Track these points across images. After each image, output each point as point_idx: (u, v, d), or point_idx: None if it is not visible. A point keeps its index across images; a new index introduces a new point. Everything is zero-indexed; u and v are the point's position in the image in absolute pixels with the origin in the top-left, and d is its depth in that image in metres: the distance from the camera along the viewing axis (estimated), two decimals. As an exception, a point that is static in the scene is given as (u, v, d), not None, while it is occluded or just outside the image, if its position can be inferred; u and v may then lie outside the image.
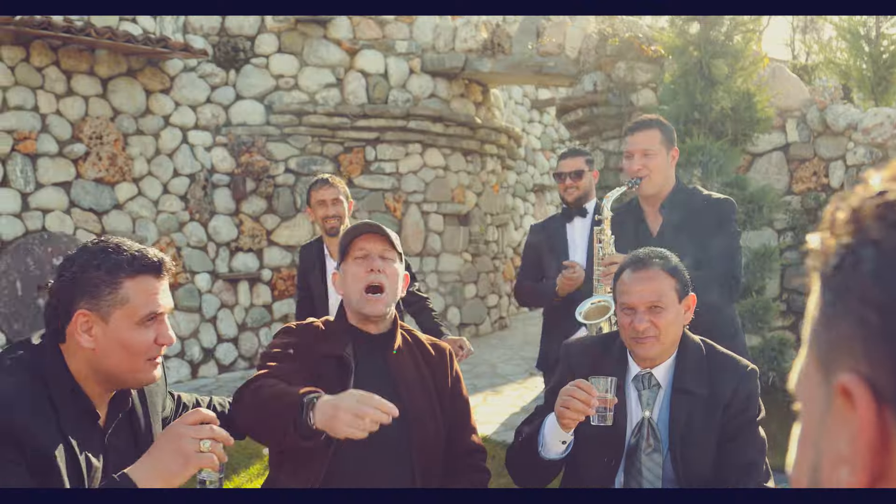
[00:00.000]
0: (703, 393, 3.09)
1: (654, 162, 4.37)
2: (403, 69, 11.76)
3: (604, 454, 3.13)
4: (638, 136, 4.45)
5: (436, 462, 3.21)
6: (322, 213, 5.52)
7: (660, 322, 3.04)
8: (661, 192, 4.45)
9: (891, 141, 8.72)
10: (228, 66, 11.06)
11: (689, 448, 3.06)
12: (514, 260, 15.66)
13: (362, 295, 3.13)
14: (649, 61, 10.23)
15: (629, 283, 3.11)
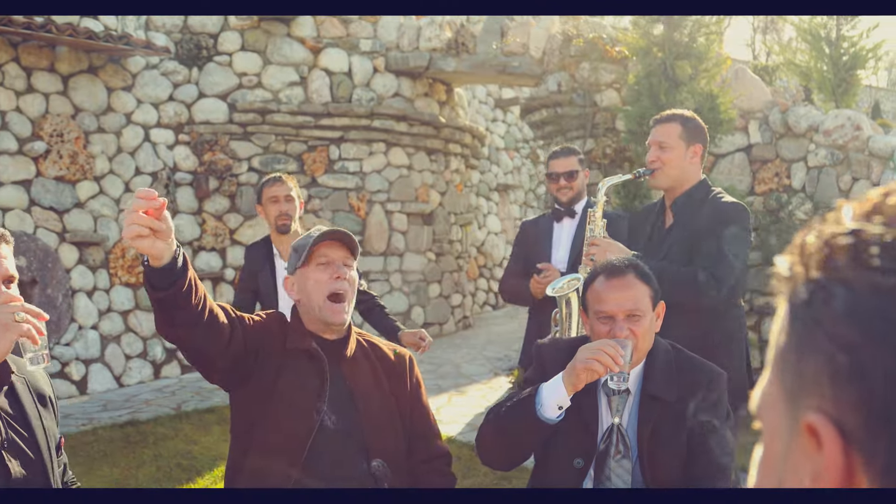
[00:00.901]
0: (671, 398, 3.10)
1: (668, 155, 4.36)
2: (367, 68, 11.73)
3: (574, 455, 3.12)
4: (657, 129, 4.45)
5: (398, 469, 3.20)
6: (275, 211, 5.46)
7: (638, 330, 3.05)
8: (677, 186, 4.42)
9: (852, 143, 8.82)
10: (191, 64, 10.98)
11: (658, 454, 3.07)
12: (478, 259, 15.67)
13: (325, 303, 3.13)
14: (613, 62, 10.27)
15: (604, 291, 3.11)
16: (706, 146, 4.49)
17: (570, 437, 3.13)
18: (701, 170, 4.47)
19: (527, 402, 3.02)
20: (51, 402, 2.81)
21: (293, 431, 3.04)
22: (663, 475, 3.06)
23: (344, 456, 3.09)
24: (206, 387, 9.66)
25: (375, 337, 3.47)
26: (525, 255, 5.65)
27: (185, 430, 7.97)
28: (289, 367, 3.10)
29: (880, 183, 8.56)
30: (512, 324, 14.21)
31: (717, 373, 3.19)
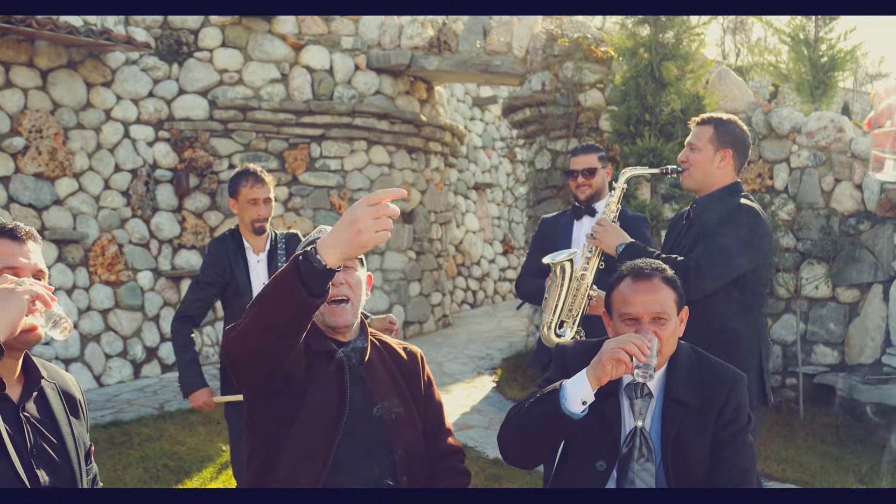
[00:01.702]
0: (695, 402, 3.08)
1: (696, 157, 4.32)
2: (349, 65, 11.66)
3: (597, 458, 3.10)
4: (693, 130, 4.42)
5: (420, 466, 3.19)
6: (253, 214, 5.27)
7: (663, 333, 3.03)
8: (703, 188, 4.38)
9: (834, 144, 8.85)
10: (171, 60, 10.87)
11: (682, 458, 3.05)
12: (457, 257, 15.65)
13: (327, 306, 3.09)
14: (597, 62, 10.27)
15: (631, 294, 3.09)
16: (742, 152, 4.38)
17: (593, 439, 3.10)
18: (733, 174, 4.38)
19: (551, 398, 2.98)
20: (81, 407, 2.74)
21: (318, 440, 2.99)
22: (687, 479, 3.05)
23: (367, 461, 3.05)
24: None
25: (385, 336, 3.43)
26: (544, 253, 5.58)
27: (169, 430, 7.88)
28: (314, 372, 3.05)
29: (863, 185, 8.61)
30: (491, 322, 14.22)
31: (739, 376, 3.18)
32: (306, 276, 2.53)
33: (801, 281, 8.80)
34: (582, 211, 5.48)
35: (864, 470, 7.17)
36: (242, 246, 5.36)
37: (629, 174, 4.47)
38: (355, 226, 2.45)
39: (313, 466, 2.97)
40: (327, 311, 3.10)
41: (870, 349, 8.41)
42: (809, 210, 8.94)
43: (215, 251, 5.39)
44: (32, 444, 2.49)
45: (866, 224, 8.56)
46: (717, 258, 4.09)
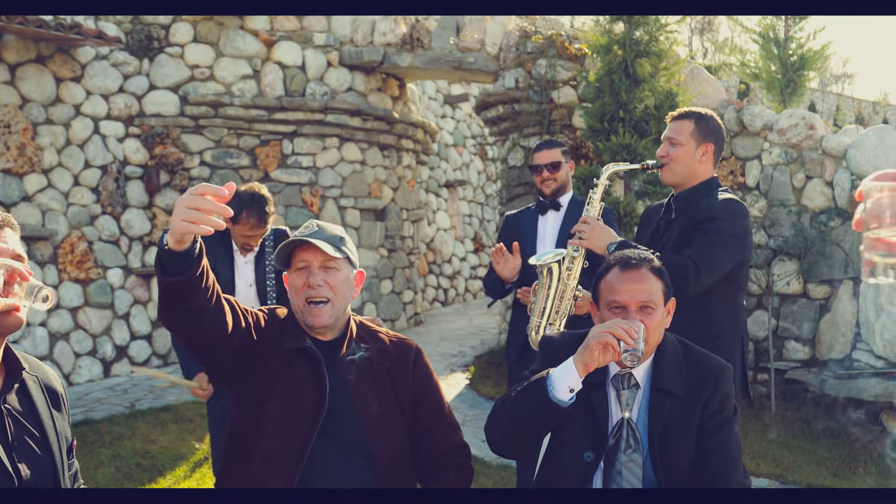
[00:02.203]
0: (682, 393, 3.09)
1: (676, 151, 4.35)
2: (321, 62, 11.61)
3: (584, 449, 3.09)
4: (671, 125, 4.44)
5: (403, 469, 3.16)
6: (243, 241, 5.21)
7: (650, 323, 3.03)
8: (684, 183, 4.40)
9: (805, 142, 8.91)
10: (142, 55, 10.78)
11: (669, 448, 3.05)
12: (428, 255, 15.63)
13: (305, 306, 3.09)
14: (570, 59, 10.29)
15: (618, 283, 3.10)
16: (720, 146, 4.46)
17: (580, 430, 3.10)
18: (712, 169, 4.45)
19: (538, 386, 2.98)
20: (63, 401, 2.69)
21: (293, 438, 2.97)
22: (674, 469, 3.05)
23: (344, 461, 3.03)
24: (158, 385, 9.50)
25: (379, 327, 3.38)
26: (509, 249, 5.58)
27: (141, 429, 7.81)
28: (287, 369, 3.03)
29: (833, 182, 8.67)
30: (462, 320, 14.21)
31: (725, 367, 3.19)
32: (161, 254, 2.61)
33: (772, 277, 8.85)
34: (547, 206, 5.48)
35: (837, 464, 7.23)
36: (230, 247, 5.31)
37: (611, 170, 4.46)
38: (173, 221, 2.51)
39: (287, 464, 2.95)
40: (306, 311, 3.08)
41: (840, 345, 8.47)
42: (781, 207, 8.99)
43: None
44: (14, 436, 2.43)
45: (837, 221, 8.63)
46: (713, 255, 4.11)
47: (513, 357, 5.48)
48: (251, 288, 5.27)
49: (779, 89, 13.11)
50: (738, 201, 4.30)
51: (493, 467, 7.10)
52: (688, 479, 3.05)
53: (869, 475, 6.99)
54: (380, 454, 3.07)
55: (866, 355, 8.18)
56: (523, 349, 5.39)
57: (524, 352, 5.39)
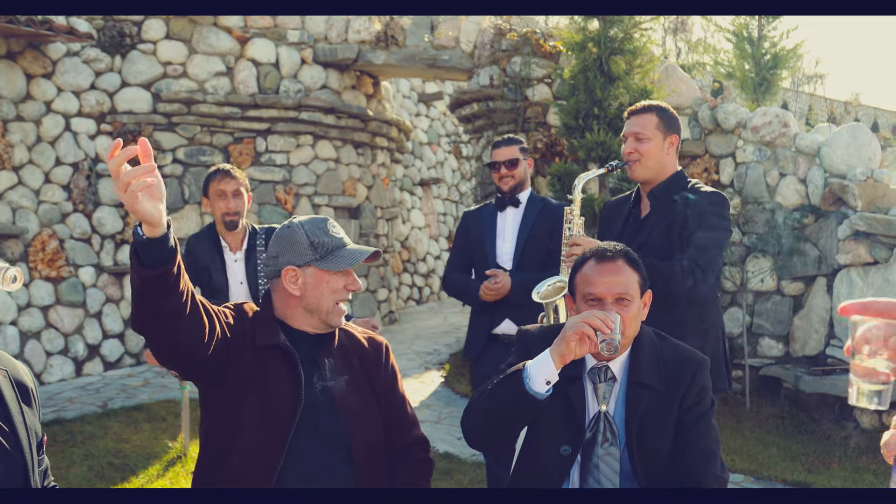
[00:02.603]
0: (659, 386, 3.07)
1: (646, 146, 4.29)
2: (295, 59, 11.55)
3: (561, 443, 3.07)
4: (633, 119, 4.37)
5: (379, 461, 3.16)
6: (222, 208, 5.19)
7: (626, 315, 3.01)
8: (655, 178, 4.34)
9: (779, 139, 8.95)
10: (114, 52, 10.68)
11: (647, 441, 3.04)
12: (403, 254, 15.59)
13: (336, 307, 3.11)
14: (545, 57, 10.28)
15: (594, 275, 3.08)
16: (681, 138, 4.45)
17: (557, 424, 3.08)
18: (676, 161, 4.43)
19: (514, 378, 2.95)
20: (33, 396, 2.64)
21: (272, 434, 2.96)
22: (651, 462, 3.03)
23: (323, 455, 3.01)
24: (131, 384, 9.44)
25: (349, 324, 3.39)
26: (469, 246, 5.56)
27: (113, 428, 7.74)
28: (261, 366, 3.01)
29: (807, 179, 8.70)
30: (437, 318, 14.19)
31: (702, 360, 3.17)
32: (138, 249, 2.52)
33: (746, 274, 8.88)
34: (505, 202, 5.46)
35: (811, 459, 7.25)
36: (219, 244, 5.27)
37: (583, 181, 4.45)
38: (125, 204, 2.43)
39: (267, 459, 2.94)
40: (334, 313, 3.11)
41: (814, 341, 8.51)
42: (755, 204, 9.02)
43: (191, 250, 5.32)
44: None
45: (810, 218, 8.66)
46: (713, 255, 4.11)
47: (474, 354, 5.46)
48: (242, 286, 5.24)
49: (752, 88, 13.17)
50: (720, 193, 4.29)
51: (469, 464, 7.08)
52: (665, 473, 3.04)
53: (843, 470, 7.02)
54: (358, 447, 3.06)
55: (840, 352, 8.22)
56: (484, 347, 5.39)
57: (485, 350, 5.39)
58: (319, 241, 3.11)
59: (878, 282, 8.02)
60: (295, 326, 3.12)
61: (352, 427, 3.07)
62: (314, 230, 3.13)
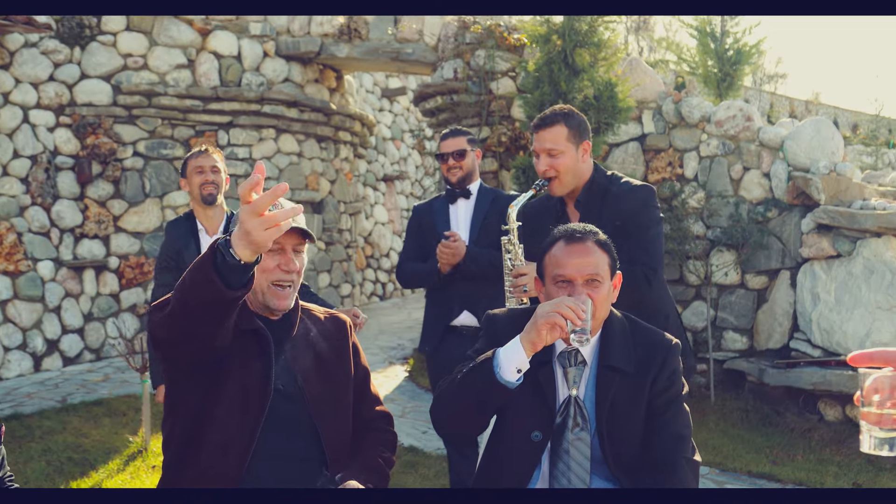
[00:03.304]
0: (629, 369, 3.04)
1: (560, 161, 4.11)
2: (257, 52, 11.44)
3: (532, 428, 3.02)
4: (542, 134, 4.18)
5: (346, 442, 3.12)
6: (199, 180, 5.18)
7: (597, 296, 2.97)
8: (576, 188, 4.21)
9: (743, 133, 8.97)
10: (73, 43, 10.52)
11: (617, 425, 3.00)
12: (366, 249, 15.51)
13: (270, 288, 3.01)
14: (509, 50, 10.25)
15: (564, 256, 3.03)
16: (591, 138, 4.28)
17: (527, 409, 3.03)
18: (591, 161, 4.29)
19: (484, 367, 2.89)
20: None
21: (244, 422, 2.90)
22: (621, 447, 3.00)
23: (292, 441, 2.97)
24: (90, 379, 9.31)
25: (311, 304, 3.33)
26: (421, 239, 5.51)
27: (73, 423, 7.61)
28: (238, 351, 2.94)
29: (770, 173, 8.73)
30: (400, 314, 14.14)
31: (673, 343, 3.14)
32: (223, 269, 2.48)
33: (710, 268, 8.89)
34: (456, 194, 5.43)
35: (776, 451, 7.27)
36: (195, 228, 5.25)
37: (515, 209, 4.31)
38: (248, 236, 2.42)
39: (239, 448, 2.88)
40: (271, 294, 3.01)
41: (778, 334, 8.53)
42: (719, 198, 9.04)
43: (169, 234, 5.35)
44: None
45: (774, 211, 8.69)
46: (657, 251, 4.10)
47: (430, 346, 5.42)
48: None
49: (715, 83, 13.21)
50: (647, 185, 4.23)
51: (433, 458, 7.04)
52: (636, 458, 3.01)
53: (808, 462, 7.05)
54: (326, 430, 3.02)
55: (804, 345, 8.24)
56: (441, 339, 5.35)
57: (442, 341, 5.34)
58: None
59: (841, 275, 8.06)
60: (253, 310, 3.07)
61: (317, 411, 3.02)
62: None
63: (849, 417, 7.72)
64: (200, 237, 5.25)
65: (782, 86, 36.58)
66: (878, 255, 7.89)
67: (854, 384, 7.53)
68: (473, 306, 5.19)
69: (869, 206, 8.03)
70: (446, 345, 5.32)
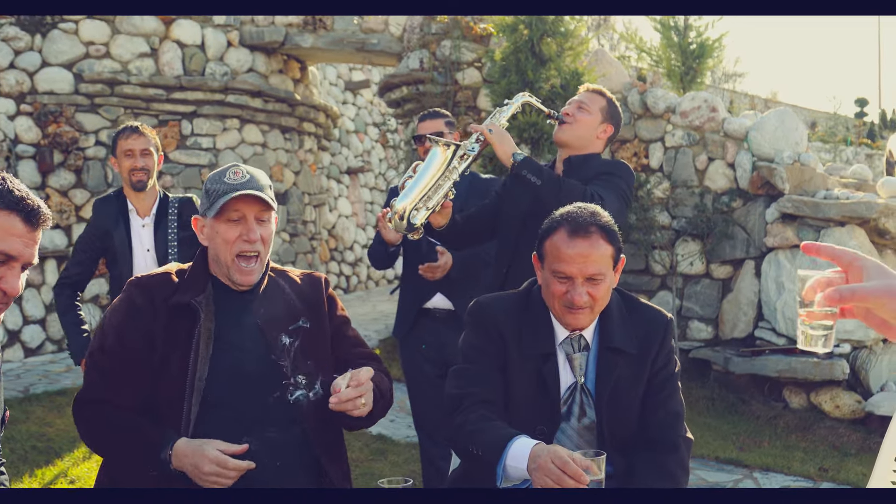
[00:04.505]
0: (632, 349, 3.00)
1: (583, 116, 4.30)
2: (221, 41, 11.36)
3: (538, 423, 2.95)
4: (584, 93, 4.41)
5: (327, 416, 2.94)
6: (129, 165, 4.98)
7: (597, 294, 2.90)
8: (577, 147, 4.34)
9: (707, 124, 9.03)
10: (34, 31, 10.38)
11: (617, 408, 2.96)
12: (330, 242, 15.46)
13: (234, 262, 2.92)
14: (475, 40, 10.25)
15: (566, 249, 2.88)
16: (615, 133, 4.48)
17: (533, 406, 2.97)
18: (603, 150, 4.48)
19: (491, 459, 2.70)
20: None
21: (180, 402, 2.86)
22: (621, 428, 2.95)
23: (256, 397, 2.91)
24: (53, 370, 9.21)
25: (286, 266, 3.26)
26: None
27: (36, 413, 7.52)
28: (164, 326, 2.90)
29: (735, 163, 8.79)
30: (365, 306, 14.11)
31: (669, 319, 3.10)
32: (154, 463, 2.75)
33: (676, 258, 8.94)
34: None
35: (742, 438, 7.33)
36: (125, 207, 5.07)
37: (524, 98, 4.32)
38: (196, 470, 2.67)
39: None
40: (235, 269, 2.92)
41: (743, 323, 8.59)
42: (684, 188, 9.09)
43: (96, 213, 5.11)
44: None
45: (738, 201, 8.75)
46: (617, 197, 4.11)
47: (403, 331, 5.40)
48: (149, 253, 5.04)
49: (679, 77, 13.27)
50: (627, 165, 4.36)
51: (402, 445, 7.03)
52: (630, 438, 2.98)
53: (774, 448, 7.11)
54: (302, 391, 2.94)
55: (768, 333, 8.31)
56: (414, 322, 5.34)
57: (415, 325, 5.33)
58: (212, 189, 2.95)
59: (805, 264, 8.12)
60: (223, 281, 3.00)
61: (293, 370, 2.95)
62: (214, 177, 2.98)
63: (813, 404, 7.80)
64: (131, 218, 5.09)
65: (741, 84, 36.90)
66: (842, 243, 7.97)
67: (819, 372, 7.61)
68: (447, 289, 5.17)
69: (832, 195, 8.12)
70: (418, 329, 5.31)
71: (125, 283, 3.00)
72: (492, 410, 2.92)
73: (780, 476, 6.51)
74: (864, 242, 8.00)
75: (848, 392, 7.69)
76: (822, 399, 7.73)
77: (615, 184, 4.15)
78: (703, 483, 6.35)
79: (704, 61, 13.22)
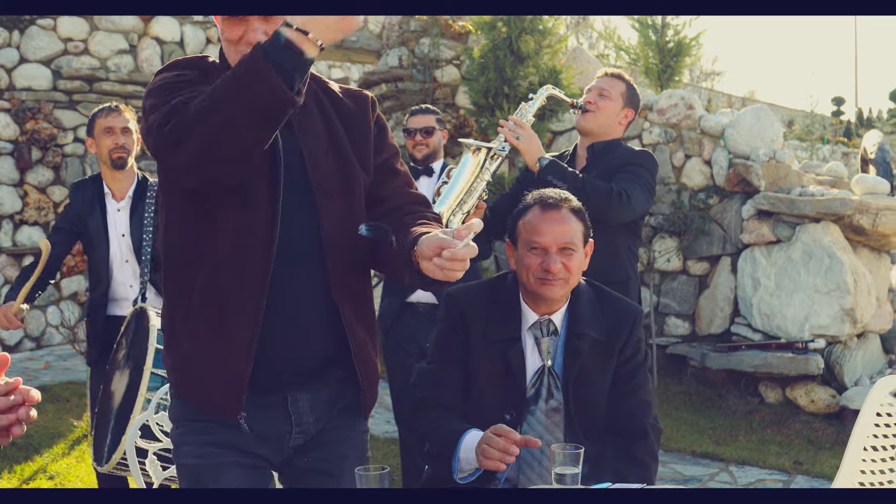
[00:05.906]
0: (600, 336, 3.07)
1: (605, 103, 4.40)
2: (200, 38, 11.36)
3: (505, 409, 3.02)
4: (603, 79, 4.51)
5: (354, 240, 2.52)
6: (109, 143, 4.86)
7: (571, 264, 3.00)
8: (598, 135, 4.44)
9: (684, 121, 9.09)
10: (11, 27, 10.35)
11: (583, 394, 3.03)
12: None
13: None
14: (453, 38, 10.28)
15: (539, 223, 3.03)
16: (636, 117, 4.64)
17: (499, 391, 3.03)
18: (622, 135, 4.58)
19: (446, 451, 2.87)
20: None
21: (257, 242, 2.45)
22: (589, 415, 3.02)
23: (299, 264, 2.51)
24: (32, 367, 9.21)
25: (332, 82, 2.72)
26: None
27: (14, 409, 7.50)
28: None
29: (711, 160, 8.86)
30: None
31: (639, 310, 3.19)
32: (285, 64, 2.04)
33: (653, 254, 9.00)
34: (419, 171, 5.46)
35: (719, 433, 7.40)
36: (101, 191, 4.97)
37: (549, 91, 4.37)
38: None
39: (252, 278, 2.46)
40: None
41: (719, 319, 8.66)
42: (661, 185, 9.14)
43: (73, 197, 5.01)
44: None
45: (715, 198, 8.82)
46: (636, 193, 4.17)
47: (387, 323, 5.43)
48: (124, 238, 4.95)
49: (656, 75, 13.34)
50: (652, 155, 4.42)
51: (382, 440, 7.06)
52: (599, 425, 3.04)
53: (750, 442, 7.17)
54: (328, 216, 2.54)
55: (745, 329, 8.39)
56: (398, 316, 5.38)
57: (399, 319, 5.37)
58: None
59: (780, 260, 8.20)
60: None
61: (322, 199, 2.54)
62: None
63: (789, 399, 7.87)
64: (106, 202, 4.98)
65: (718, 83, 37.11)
66: (817, 240, 8.04)
67: (794, 367, 7.69)
68: None
69: (808, 192, 8.19)
70: (402, 323, 5.35)
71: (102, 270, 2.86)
72: (450, 413, 3.03)
73: (756, 469, 6.58)
74: (839, 239, 8.08)
75: (823, 387, 7.77)
76: (798, 394, 7.81)
77: (641, 176, 4.25)
78: (679, 477, 6.41)
79: (682, 59, 13.31)
